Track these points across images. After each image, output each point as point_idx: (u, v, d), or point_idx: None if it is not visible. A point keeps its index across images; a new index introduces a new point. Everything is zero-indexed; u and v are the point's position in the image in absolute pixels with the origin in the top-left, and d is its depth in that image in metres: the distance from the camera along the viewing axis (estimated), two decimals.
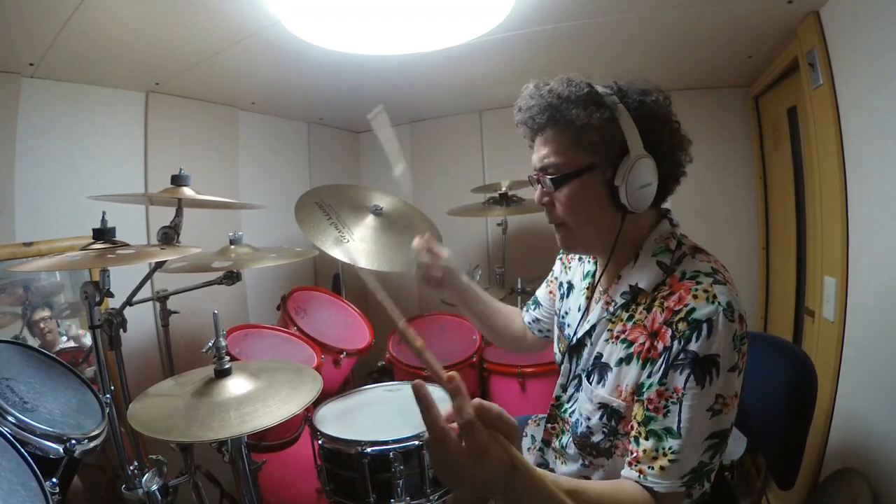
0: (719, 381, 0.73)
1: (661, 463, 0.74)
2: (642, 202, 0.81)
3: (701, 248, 0.87)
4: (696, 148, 0.87)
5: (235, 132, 2.24)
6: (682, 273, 0.80)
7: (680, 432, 0.73)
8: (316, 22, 1.34)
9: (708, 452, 0.75)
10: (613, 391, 0.84)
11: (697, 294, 0.76)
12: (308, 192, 2.08)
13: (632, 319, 0.84)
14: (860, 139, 1.27)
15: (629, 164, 0.78)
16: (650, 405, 0.76)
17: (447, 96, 2.41)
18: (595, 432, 0.87)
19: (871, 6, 1.17)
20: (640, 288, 0.84)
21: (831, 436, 1.34)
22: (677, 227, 0.89)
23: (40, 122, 1.56)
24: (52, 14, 1.21)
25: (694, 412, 0.73)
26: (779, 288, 2.11)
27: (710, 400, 0.73)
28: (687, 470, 0.74)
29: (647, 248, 0.86)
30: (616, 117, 0.79)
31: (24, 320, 1.50)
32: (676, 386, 0.74)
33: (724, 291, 0.75)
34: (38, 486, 0.84)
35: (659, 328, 0.78)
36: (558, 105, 0.80)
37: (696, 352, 0.73)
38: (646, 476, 0.75)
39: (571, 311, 1.02)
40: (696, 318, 0.73)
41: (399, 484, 1.23)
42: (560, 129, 0.82)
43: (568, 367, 0.98)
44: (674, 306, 0.77)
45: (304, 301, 2.05)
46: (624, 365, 0.83)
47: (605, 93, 0.81)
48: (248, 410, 1.06)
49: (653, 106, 0.81)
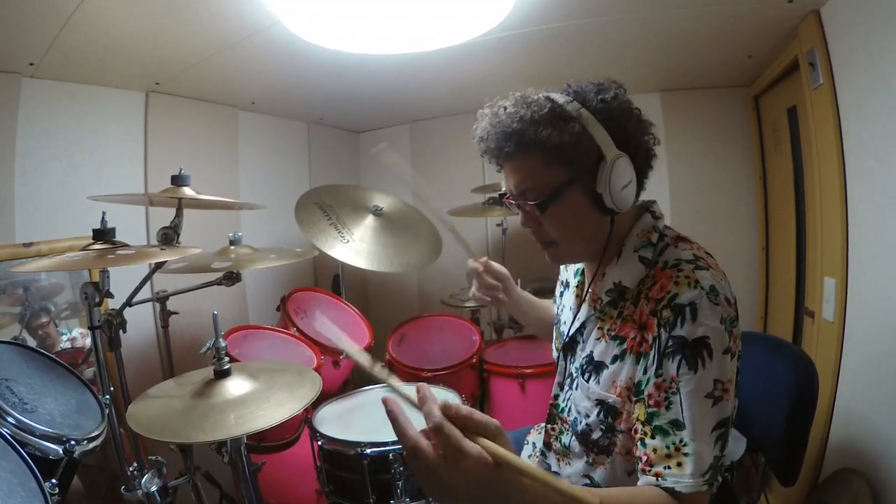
0: (714, 365, 0.71)
1: (679, 460, 0.70)
2: (627, 200, 0.81)
3: (684, 237, 0.86)
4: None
5: (235, 132, 2.24)
6: (664, 263, 0.81)
7: (685, 423, 0.71)
8: (316, 22, 1.34)
9: (717, 444, 0.72)
10: (609, 387, 0.83)
11: (679, 280, 0.75)
12: (308, 192, 2.08)
13: (621, 316, 0.84)
14: (860, 139, 1.27)
15: (608, 169, 0.76)
16: (651, 400, 0.74)
17: (447, 96, 2.41)
18: (594, 429, 0.87)
19: (871, 6, 1.17)
20: (624, 286, 0.84)
21: (831, 436, 1.34)
22: (661, 219, 0.88)
23: (40, 122, 1.56)
24: (52, 14, 1.21)
25: (693, 399, 0.71)
26: (779, 288, 2.10)
27: (709, 385, 0.71)
28: (706, 466, 0.70)
29: (629, 244, 0.85)
30: (584, 126, 0.77)
31: (23, 321, 1.50)
32: (672, 374, 0.72)
33: (707, 276, 0.75)
34: (37, 487, 0.84)
35: (646, 320, 0.77)
36: (524, 129, 0.77)
37: (683, 336, 0.72)
38: (664, 477, 0.71)
39: (565, 309, 1.03)
40: (679, 303, 0.73)
41: (399, 485, 1.23)
42: (529, 151, 0.79)
43: (563, 365, 0.99)
44: (656, 295, 0.77)
45: (303, 302, 2.05)
46: (619, 361, 0.82)
47: (566, 101, 0.79)
48: (248, 411, 1.06)
49: (613, 103, 0.79)
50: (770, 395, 1.20)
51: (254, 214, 2.26)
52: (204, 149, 2.08)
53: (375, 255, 1.93)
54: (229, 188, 2.18)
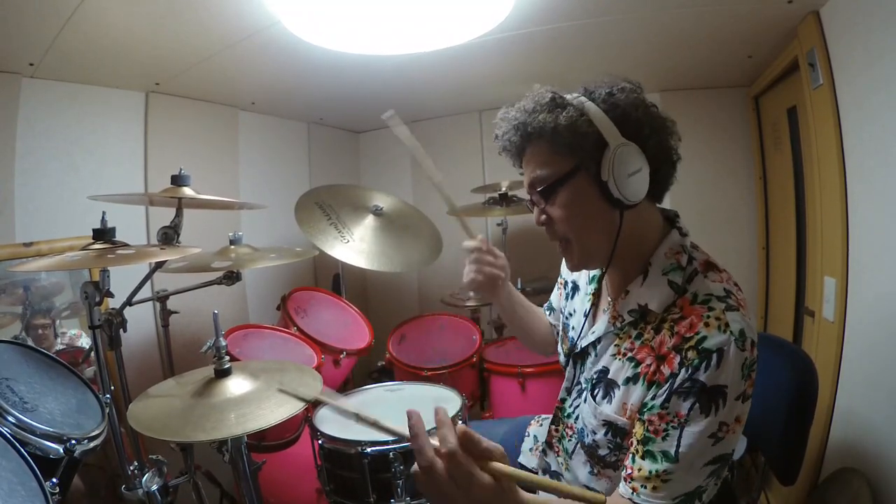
0: (725, 410, 0.71)
1: (656, 484, 0.74)
2: (637, 191, 0.78)
3: (713, 264, 0.83)
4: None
5: (235, 132, 2.24)
6: (693, 295, 0.78)
7: (677, 457, 0.72)
8: (316, 22, 1.34)
9: (710, 478, 0.75)
10: (619, 409, 0.82)
11: (709, 322, 0.73)
12: (308, 192, 2.08)
13: (640, 338, 0.82)
14: (860, 139, 1.27)
15: (611, 155, 0.76)
16: (650, 426, 0.75)
17: (447, 96, 2.41)
18: (601, 447, 0.87)
19: (871, 6, 1.17)
20: (650, 309, 0.81)
21: (831, 435, 1.34)
22: (687, 237, 0.86)
23: (40, 122, 1.56)
24: (52, 14, 1.21)
25: (695, 439, 0.72)
26: (779, 288, 2.11)
27: (715, 427, 0.72)
28: (681, 492, 0.73)
29: (657, 265, 0.82)
30: (585, 113, 0.78)
31: (24, 320, 1.50)
32: (679, 412, 0.72)
33: (738, 318, 0.73)
34: (38, 486, 0.84)
35: (667, 353, 0.76)
36: (527, 119, 0.80)
37: (703, 381, 0.71)
38: (638, 493, 0.75)
39: (576, 314, 1.01)
40: (707, 348, 0.71)
41: (399, 484, 1.23)
42: (536, 141, 0.82)
43: (572, 373, 0.98)
44: (684, 332, 0.75)
45: (304, 301, 2.05)
46: (631, 384, 0.81)
47: (572, 96, 0.81)
48: (248, 410, 1.06)
49: (620, 95, 0.80)
50: (770, 394, 1.20)
51: (254, 214, 2.26)
52: (204, 149, 2.08)
53: (375, 254, 1.93)
54: (229, 188, 2.18)
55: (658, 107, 0.84)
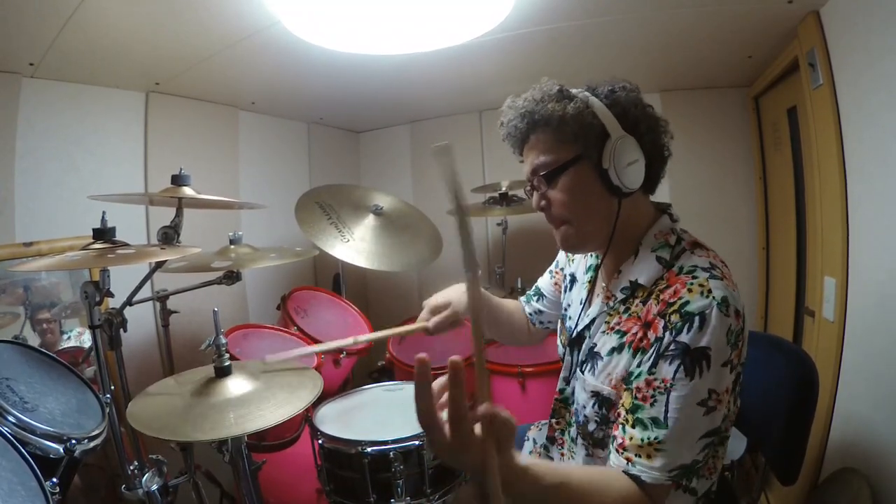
0: (710, 375, 0.73)
1: (649, 452, 0.74)
2: (633, 180, 0.83)
3: (701, 243, 0.88)
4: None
5: (235, 132, 2.24)
6: (679, 268, 0.82)
7: (667, 422, 0.73)
8: (316, 22, 1.34)
9: (703, 451, 0.75)
10: (604, 379, 0.85)
11: (692, 288, 0.76)
12: (308, 192, 2.08)
13: (627, 311, 0.86)
14: (860, 139, 1.27)
15: (612, 145, 0.81)
16: (638, 394, 0.77)
17: (447, 96, 2.41)
18: (590, 420, 0.89)
19: (871, 6, 1.17)
20: (640, 283, 0.85)
21: (831, 435, 1.34)
22: (678, 223, 0.91)
23: (40, 122, 1.56)
24: (52, 14, 1.21)
25: (683, 404, 0.73)
26: (779, 288, 2.11)
27: (703, 394, 0.73)
28: (676, 464, 0.74)
29: (647, 244, 0.87)
30: (590, 106, 0.83)
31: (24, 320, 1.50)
32: (665, 376, 0.74)
33: (721, 286, 0.76)
34: (38, 486, 0.84)
35: (652, 319, 0.79)
36: (534, 108, 0.85)
37: (686, 343, 0.73)
38: (633, 464, 0.75)
39: (573, 304, 1.03)
40: (689, 311, 0.74)
41: (399, 484, 1.23)
42: (541, 129, 0.86)
43: (570, 360, 0.99)
44: (668, 298, 0.78)
45: (304, 301, 2.05)
46: (615, 354, 0.84)
47: (577, 91, 0.87)
48: (248, 411, 1.06)
49: (621, 93, 0.86)
50: (770, 394, 1.20)
51: (254, 214, 2.26)
52: (204, 149, 2.08)
53: (375, 254, 1.93)
54: (229, 188, 2.18)
55: (654, 108, 0.89)
